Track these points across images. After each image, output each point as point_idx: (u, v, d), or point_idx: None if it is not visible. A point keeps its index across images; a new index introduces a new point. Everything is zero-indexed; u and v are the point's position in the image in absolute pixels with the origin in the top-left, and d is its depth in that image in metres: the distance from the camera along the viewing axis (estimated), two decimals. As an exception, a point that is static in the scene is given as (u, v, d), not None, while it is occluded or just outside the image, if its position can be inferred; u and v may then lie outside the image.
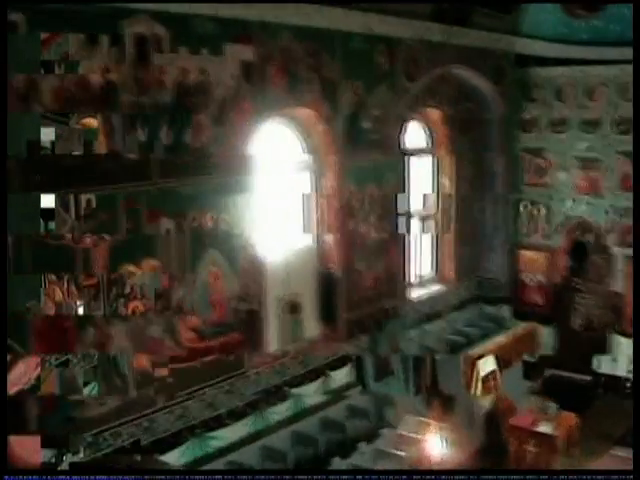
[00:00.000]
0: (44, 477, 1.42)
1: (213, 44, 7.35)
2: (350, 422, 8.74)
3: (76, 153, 6.19)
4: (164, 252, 7.13)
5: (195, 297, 7.45)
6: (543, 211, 12.57)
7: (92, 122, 6.38)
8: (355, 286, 9.61)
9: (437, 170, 12.04)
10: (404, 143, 10.70)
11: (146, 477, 1.17)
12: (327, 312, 9.29)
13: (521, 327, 12.08)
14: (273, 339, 8.55)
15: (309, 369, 8.99)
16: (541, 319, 12.41)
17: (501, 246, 12.68)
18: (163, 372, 7.18)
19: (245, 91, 7.73)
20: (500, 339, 11.41)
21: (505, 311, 12.48)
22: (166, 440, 7.29)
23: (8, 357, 1.60)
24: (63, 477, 1.35)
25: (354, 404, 9.11)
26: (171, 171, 7.12)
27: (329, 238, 9.32)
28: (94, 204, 6.44)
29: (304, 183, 9.26)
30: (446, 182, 12.07)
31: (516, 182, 12.66)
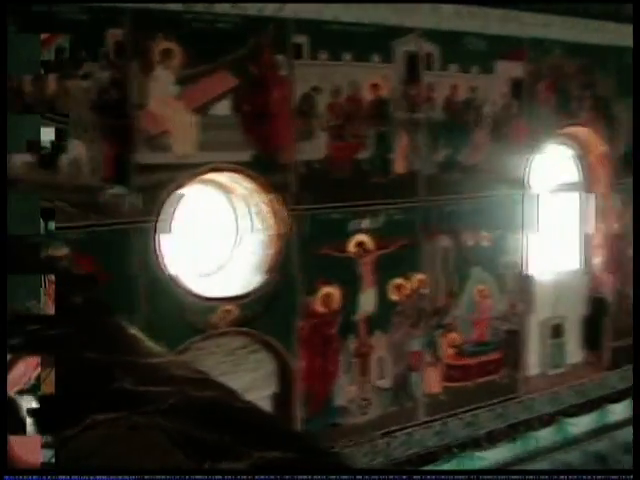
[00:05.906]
0: (44, 477, 1.52)
1: (483, 61, 7.34)
2: (621, 457, 8.15)
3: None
4: (431, 268, 7.23)
5: (459, 314, 7.44)
6: None
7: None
8: (625, 313, 9.00)
9: None
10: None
11: (146, 477, 1.24)
12: (592, 338, 8.80)
13: None
14: (534, 362, 8.27)
15: (586, 400, 8.52)
16: None
17: None
18: (436, 389, 7.31)
19: (515, 109, 7.65)
20: None
21: None
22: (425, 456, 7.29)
23: (8, 357, 1.76)
24: (63, 477, 1.44)
25: (628, 439, 8.45)
26: (439, 188, 7.19)
27: (597, 261, 8.87)
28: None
29: (574, 204, 8.92)
30: None
31: None
